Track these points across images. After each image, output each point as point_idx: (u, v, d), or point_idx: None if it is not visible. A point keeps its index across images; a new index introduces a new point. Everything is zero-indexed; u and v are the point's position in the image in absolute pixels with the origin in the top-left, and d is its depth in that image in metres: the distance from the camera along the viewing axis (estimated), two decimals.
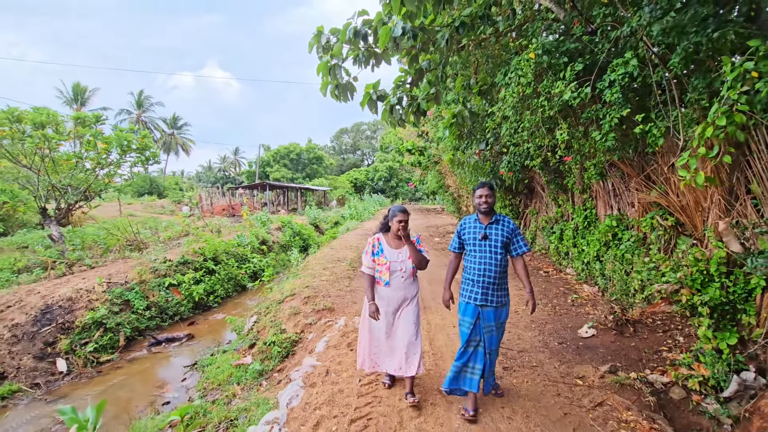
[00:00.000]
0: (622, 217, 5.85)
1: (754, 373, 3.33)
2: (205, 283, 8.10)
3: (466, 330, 2.94)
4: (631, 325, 4.42)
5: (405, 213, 3.01)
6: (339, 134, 66.61)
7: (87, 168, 10.49)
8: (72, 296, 6.06)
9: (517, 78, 5.48)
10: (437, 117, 11.90)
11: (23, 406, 4.45)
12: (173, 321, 7.05)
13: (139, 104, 51.38)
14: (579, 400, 3.26)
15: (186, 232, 13.84)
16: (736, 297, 3.64)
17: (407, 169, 40.30)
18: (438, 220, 21.22)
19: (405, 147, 16.59)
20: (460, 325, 3.03)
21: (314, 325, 5.15)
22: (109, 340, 5.79)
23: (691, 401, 3.42)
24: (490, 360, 2.96)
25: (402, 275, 3.03)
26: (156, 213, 26.10)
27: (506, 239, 2.91)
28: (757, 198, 3.63)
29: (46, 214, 10.02)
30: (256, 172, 44.63)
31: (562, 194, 7.85)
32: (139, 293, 6.73)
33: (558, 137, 5.26)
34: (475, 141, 8.95)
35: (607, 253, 5.89)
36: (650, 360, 3.89)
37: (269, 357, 4.78)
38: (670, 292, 4.07)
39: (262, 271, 10.38)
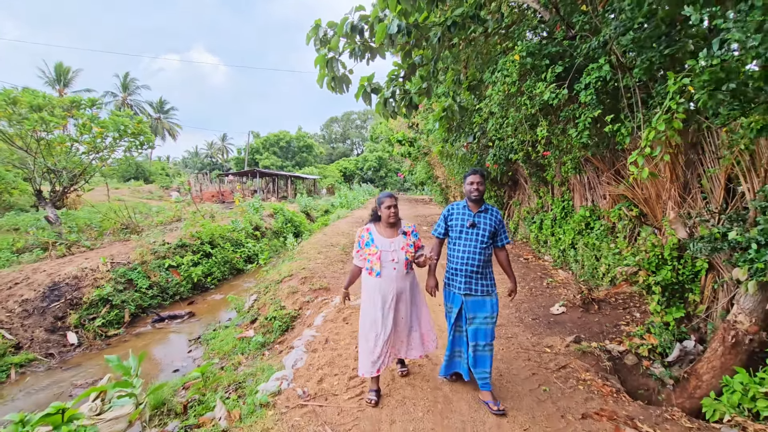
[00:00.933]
0: (595, 208, 6.39)
1: (694, 341, 3.89)
2: (202, 266, 8.44)
3: (452, 317, 2.98)
4: (597, 304, 4.96)
5: (392, 198, 2.93)
6: (329, 123, 66.35)
7: (81, 151, 10.61)
8: (78, 274, 6.35)
9: (503, 77, 5.91)
10: (428, 109, 12.28)
11: (40, 373, 4.79)
12: (174, 300, 7.40)
13: (124, 87, 50.33)
14: (546, 363, 3.77)
15: (178, 217, 14.05)
16: (685, 278, 4.19)
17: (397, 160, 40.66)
18: (426, 210, 21.70)
19: (395, 138, 16.93)
20: (446, 313, 3.08)
21: (312, 302, 5.58)
22: (115, 316, 6.14)
23: (641, 366, 3.97)
24: (479, 358, 2.93)
25: (394, 266, 2.85)
26: (144, 198, 25.96)
27: (494, 229, 2.91)
28: (705, 192, 4.17)
29: (42, 197, 10.15)
30: (245, 159, 44.37)
31: (543, 186, 8.38)
32: (142, 273, 7.05)
33: (538, 133, 5.72)
34: (464, 134, 9.39)
35: (580, 241, 6.44)
36: (610, 332, 4.43)
37: (270, 331, 5.20)
38: (629, 274, 4.62)
39: (256, 255, 10.73)
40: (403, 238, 2.93)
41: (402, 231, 2.96)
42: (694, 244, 3.52)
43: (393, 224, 2.95)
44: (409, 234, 2.97)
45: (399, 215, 2.99)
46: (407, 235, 2.96)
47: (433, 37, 7.23)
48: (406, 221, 3.05)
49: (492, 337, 2.93)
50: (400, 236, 2.94)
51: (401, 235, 2.94)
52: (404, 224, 3.01)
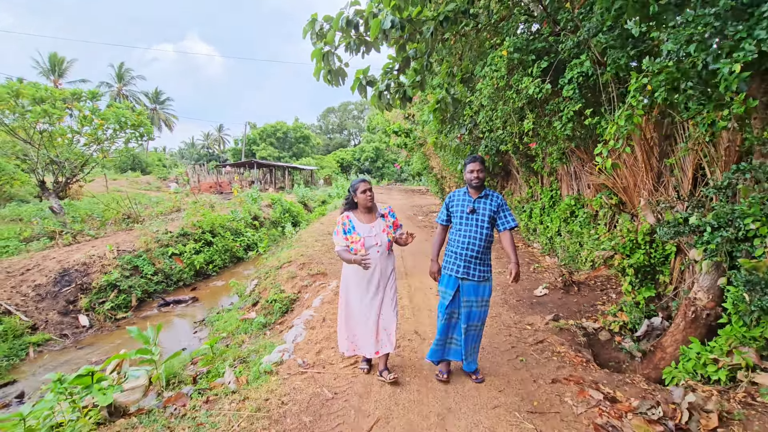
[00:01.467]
0: (580, 197, 6.70)
1: (661, 318, 4.24)
2: (204, 254, 8.75)
3: (446, 302, 2.98)
4: (576, 286, 5.31)
5: (366, 182, 2.99)
6: (326, 113, 66.16)
7: (82, 143, 10.82)
8: (86, 261, 6.65)
9: (492, 71, 6.17)
10: (423, 101, 12.50)
11: (56, 351, 5.12)
12: (177, 286, 7.72)
13: (119, 77, 49.97)
14: (525, 338, 4.12)
15: (177, 207, 14.30)
16: (656, 260, 4.53)
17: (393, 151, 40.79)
18: (422, 200, 22.00)
19: (392, 129, 17.13)
20: (440, 297, 3.07)
21: (310, 286, 5.91)
22: (122, 301, 6.46)
23: (613, 341, 4.33)
24: (468, 336, 2.98)
25: (378, 249, 2.94)
26: (143, 189, 26.13)
27: (493, 213, 2.93)
28: (677, 180, 4.48)
29: (45, 188, 10.38)
30: (242, 149, 44.42)
31: (533, 177, 8.68)
32: (147, 260, 7.36)
33: (525, 126, 6.01)
34: (457, 126, 9.65)
35: (564, 228, 6.77)
36: (587, 311, 4.79)
37: (271, 312, 5.53)
38: (606, 258, 4.96)
39: (255, 244, 11.04)
40: (382, 221, 3.01)
41: (380, 214, 3.04)
42: (660, 229, 3.85)
43: (370, 209, 3.00)
44: (386, 216, 3.05)
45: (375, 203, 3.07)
46: (385, 217, 3.04)
47: (426, 32, 7.45)
48: (381, 204, 3.12)
49: (484, 318, 3.02)
50: (378, 220, 3.00)
51: (380, 219, 3.01)
52: (380, 207, 3.09)
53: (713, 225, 3.19)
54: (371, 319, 2.97)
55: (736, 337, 3.08)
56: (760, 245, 2.83)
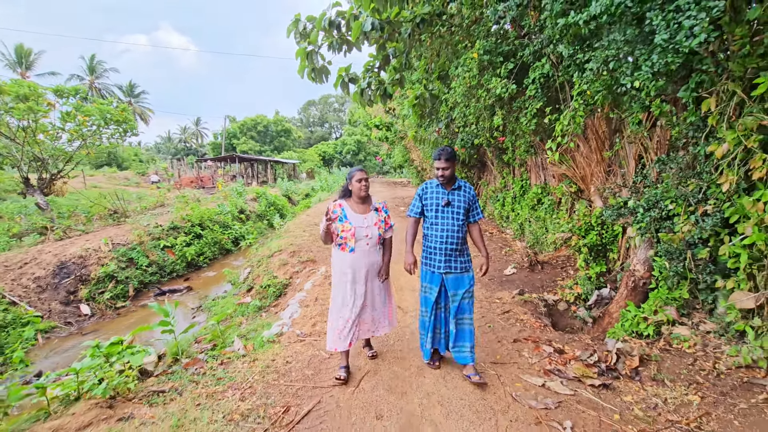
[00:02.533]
0: (546, 186, 7.36)
1: (609, 289, 4.92)
2: (194, 246, 9.07)
3: (432, 297, 2.97)
4: (541, 265, 5.96)
5: (363, 171, 2.95)
6: (306, 106, 65.78)
7: (64, 139, 10.88)
8: (83, 254, 6.93)
9: (464, 72, 6.71)
10: (403, 96, 12.98)
11: (63, 337, 5.46)
12: (171, 277, 8.06)
13: (91, 70, 48.35)
14: (494, 310, 4.72)
15: (161, 202, 14.45)
16: (607, 240, 5.20)
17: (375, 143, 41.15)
18: (404, 192, 22.55)
19: (373, 123, 17.57)
20: (423, 293, 3.06)
21: (301, 272, 6.38)
22: (121, 291, 6.78)
23: (569, 310, 4.98)
24: (461, 330, 2.99)
25: (368, 241, 2.90)
26: (121, 185, 25.77)
27: (468, 205, 2.94)
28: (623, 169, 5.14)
29: (29, 184, 10.44)
30: (222, 143, 43.93)
31: (506, 168, 9.33)
32: (141, 252, 7.67)
33: (495, 122, 6.59)
34: (435, 120, 10.20)
35: (533, 215, 7.43)
36: (548, 286, 5.43)
37: (265, 297, 5.99)
38: (565, 239, 5.62)
39: (242, 236, 11.38)
40: (375, 214, 2.98)
41: (374, 207, 3.01)
42: (605, 211, 4.49)
43: (364, 200, 2.98)
44: (380, 210, 3.03)
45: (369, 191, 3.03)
46: (378, 211, 3.02)
47: (404, 32, 7.98)
48: (376, 198, 3.10)
49: (472, 309, 3.01)
50: (372, 212, 2.97)
51: (373, 211, 2.98)
52: (375, 200, 3.07)
53: (644, 207, 3.82)
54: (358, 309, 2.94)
55: (661, 299, 3.74)
56: (678, 222, 3.47)
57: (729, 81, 2.59)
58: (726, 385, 2.72)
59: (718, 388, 2.72)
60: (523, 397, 2.79)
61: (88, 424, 2.19)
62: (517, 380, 3.04)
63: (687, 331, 3.46)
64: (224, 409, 2.47)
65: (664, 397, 2.73)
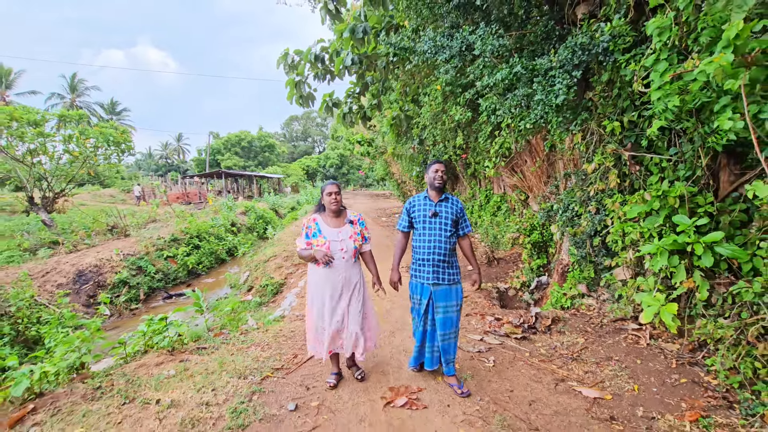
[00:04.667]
0: (504, 195, 8.61)
1: (547, 277, 6.10)
2: (194, 256, 9.96)
3: (421, 310, 2.96)
4: (497, 261, 7.14)
5: (335, 185, 2.91)
6: (289, 121, 66.82)
7: (64, 160, 11.67)
8: (97, 264, 7.78)
9: (431, 100, 7.94)
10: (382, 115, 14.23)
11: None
12: (175, 283, 8.93)
13: (72, 88, 48.32)
14: None
15: (152, 218, 15.21)
16: (546, 237, 6.41)
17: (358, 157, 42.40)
18: (386, 203, 23.74)
19: (355, 139, 18.76)
20: (413, 305, 3.05)
21: (294, 273, 7.39)
22: (133, 294, 7.64)
23: (517, 296, 6.14)
24: (445, 345, 2.97)
25: (343, 255, 2.86)
26: (108, 202, 26.15)
27: (456, 217, 2.95)
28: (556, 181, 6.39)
29: (34, 203, 11.17)
30: (207, 159, 44.43)
31: (473, 180, 10.58)
32: (148, 261, 8.54)
33: (457, 142, 7.81)
34: (410, 138, 11.43)
35: (494, 220, 8.65)
36: (501, 277, 6.60)
37: (264, 294, 6.97)
38: (515, 238, 6.81)
39: (235, 247, 12.29)
40: (350, 227, 2.94)
41: (348, 220, 2.97)
42: (538, 214, 5.70)
43: (338, 213, 2.96)
44: (355, 222, 2.99)
45: (343, 204, 3.03)
46: (354, 223, 2.98)
47: (380, 65, 9.26)
48: (352, 210, 3.07)
49: (458, 324, 3.01)
50: (347, 225, 2.94)
51: (348, 225, 2.95)
52: (350, 213, 3.02)
53: (561, 209, 5.03)
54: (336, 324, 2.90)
55: (575, 278, 4.92)
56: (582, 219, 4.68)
57: (593, 122, 3.83)
58: (604, 332, 3.89)
59: (598, 333, 3.89)
60: (465, 346, 3.89)
61: (161, 362, 3.17)
62: (462, 338, 4.14)
63: (592, 300, 4.65)
64: (251, 356, 3.49)
65: (562, 341, 3.88)
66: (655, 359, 3.29)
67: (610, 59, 3.45)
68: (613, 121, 3.60)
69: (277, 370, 3.26)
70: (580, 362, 3.44)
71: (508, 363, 3.53)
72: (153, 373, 3.02)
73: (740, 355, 2.78)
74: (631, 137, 3.73)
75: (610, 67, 3.56)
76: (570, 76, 3.44)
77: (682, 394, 2.81)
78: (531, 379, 3.22)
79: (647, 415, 2.64)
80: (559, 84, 3.44)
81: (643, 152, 3.61)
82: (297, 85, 9.45)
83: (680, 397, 2.78)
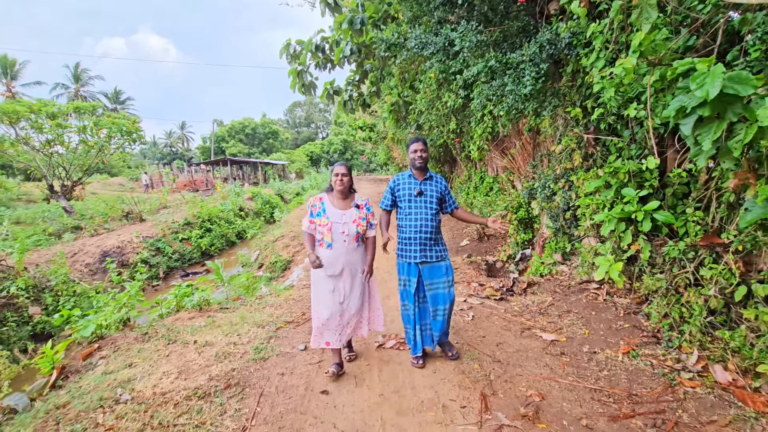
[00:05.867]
0: (496, 176, 9.13)
1: (530, 249, 6.68)
2: (206, 238, 10.63)
3: (411, 289, 2.97)
4: (487, 237, 7.72)
5: (344, 166, 2.89)
6: (292, 108, 66.90)
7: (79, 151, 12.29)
8: (119, 245, 8.46)
9: (426, 87, 8.40)
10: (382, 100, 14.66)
11: None
12: (190, 263, 9.63)
13: (76, 78, 48.64)
14: None
15: (164, 205, 15.89)
16: (532, 214, 6.96)
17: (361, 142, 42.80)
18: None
19: (357, 125, 19.20)
20: (402, 286, 3.04)
21: (301, 251, 8.02)
22: (154, 273, 8.34)
23: (504, 268, 6.74)
24: (436, 321, 3.00)
25: (345, 238, 2.82)
26: (117, 191, 26.90)
27: (441, 195, 2.98)
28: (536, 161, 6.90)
29: (54, 191, 11.85)
30: (211, 147, 44.97)
31: (470, 163, 11.09)
32: (165, 243, 9.21)
33: (451, 126, 8.31)
34: (409, 124, 11.91)
35: (486, 199, 9.20)
36: (490, 251, 7.19)
37: (274, 270, 7.63)
38: (503, 216, 7.37)
39: (244, 231, 12.95)
40: (355, 211, 2.90)
41: (355, 204, 2.93)
42: (522, 193, 6.24)
43: (345, 195, 2.92)
44: (362, 207, 2.94)
45: (353, 187, 3.01)
46: (360, 208, 2.93)
47: (378, 53, 9.75)
48: (360, 195, 3.03)
49: (451, 300, 2.99)
50: (352, 209, 2.90)
51: (354, 208, 2.91)
52: (358, 197, 2.99)
53: (540, 187, 5.57)
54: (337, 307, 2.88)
55: (552, 249, 5.50)
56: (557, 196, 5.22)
57: (561, 108, 4.34)
58: (570, 292, 4.49)
59: (565, 293, 4.48)
60: None
61: (192, 317, 3.82)
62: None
63: (565, 267, 5.23)
64: (266, 313, 4.13)
65: (534, 301, 4.48)
66: (608, 311, 3.88)
67: (573, 53, 3.95)
68: (576, 107, 4.11)
69: (288, 323, 3.90)
70: (546, 315, 4.05)
71: (484, 318, 4.15)
72: (187, 324, 3.67)
73: (670, 302, 3.36)
74: (594, 122, 4.25)
75: (573, 60, 4.05)
76: (537, 69, 3.95)
77: (622, 336, 3.41)
78: (502, 328, 3.83)
79: (591, 350, 3.25)
80: (527, 76, 3.95)
81: (603, 135, 4.14)
82: (299, 74, 9.93)
83: (620, 338, 3.38)
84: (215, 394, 2.53)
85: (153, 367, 2.78)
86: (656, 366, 2.91)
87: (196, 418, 2.24)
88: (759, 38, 2.30)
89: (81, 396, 2.44)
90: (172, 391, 2.47)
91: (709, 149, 2.19)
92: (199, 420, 2.23)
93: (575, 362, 3.10)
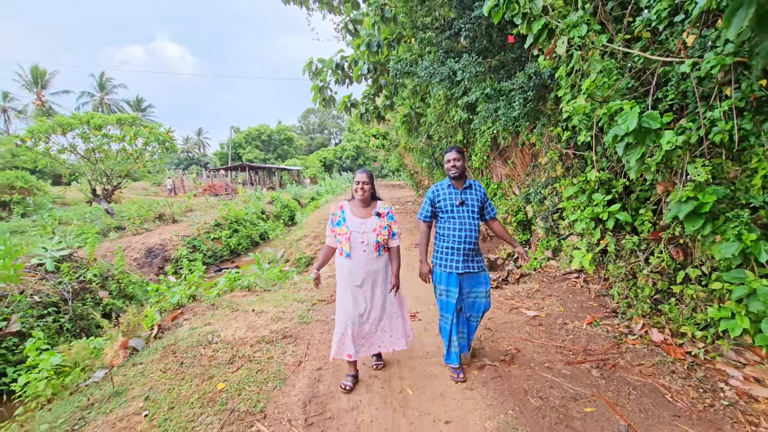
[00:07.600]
0: (500, 183, 9.98)
1: (528, 248, 7.50)
2: (234, 238, 11.68)
3: (452, 300, 2.89)
4: (490, 237, 8.57)
5: (365, 174, 2.83)
6: (306, 114, 68.50)
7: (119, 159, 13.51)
8: (161, 243, 9.54)
9: (435, 102, 9.33)
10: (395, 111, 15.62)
11: None
12: (222, 260, 10.67)
13: (101, 86, 50.88)
14: None
15: (189, 208, 17.06)
16: (529, 218, 7.80)
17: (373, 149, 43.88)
18: (401, 193, 25.17)
19: (370, 133, 20.20)
20: (440, 296, 2.97)
21: (321, 249, 8.98)
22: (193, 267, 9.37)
23: (504, 264, 7.57)
24: (470, 326, 3.02)
25: (364, 248, 2.76)
26: (141, 195, 28.35)
27: (481, 203, 2.95)
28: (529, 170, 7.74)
29: (96, 194, 13.06)
30: (229, 153, 46.60)
31: (476, 170, 11.94)
32: (200, 241, 10.27)
33: (458, 138, 9.20)
34: (420, 134, 12.83)
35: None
36: (492, 250, 8.03)
37: (299, 265, 8.58)
38: (504, 219, 8.21)
39: (265, 232, 14.00)
40: (376, 220, 2.82)
41: (376, 212, 2.85)
42: (519, 198, 7.09)
43: (367, 203, 2.86)
44: (383, 215, 2.85)
45: (376, 195, 2.94)
46: (381, 216, 2.85)
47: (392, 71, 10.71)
48: (383, 202, 2.92)
49: (486, 310, 3.01)
50: (373, 217, 2.82)
51: (375, 216, 2.83)
52: (380, 205, 2.89)
53: (534, 193, 6.42)
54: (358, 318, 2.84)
55: (543, 246, 6.33)
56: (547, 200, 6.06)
57: (548, 126, 5.21)
58: (555, 281, 5.32)
59: (550, 282, 5.32)
60: None
61: (244, 295, 4.77)
62: None
63: (554, 262, 6.06)
64: (303, 294, 5.07)
65: (524, 288, 5.33)
66: (583, 294, 4.72)
67: (555, 82, 4.83)
68: (557, 127, 4.99)
69: (321, 301, 4.83)
70: (532, 299, 4.90)
71: None
72: (242, 299, 4.63)
73: (629, 285, 4.19)
74: (573, 138, 5.10)
75: (555, 88, 4.93)
76: (525, 96, 4.84)
77: (590, 312, 4.25)
78: (494, 308, 4.69)
79: (563, 322, 4.10)
80: (516, 102, 4.85)
81: (579, 150, 4.99)
82: (321, 89, 10.97)
83: (588, 313, 4.22)
84: (276, 341, 3.46)
85: (226, 324, 3.72)
86: (610, 332, 3.75)
87: (266, 354, 3.17)
88: (673, 85, 3.15)
89: (183, 340, 3.39)
90: (245, 338, 3.40)
91: (635, 166, 3.06)
92: (269, 355, 3.16)
93: (549, 330, 3.95)
